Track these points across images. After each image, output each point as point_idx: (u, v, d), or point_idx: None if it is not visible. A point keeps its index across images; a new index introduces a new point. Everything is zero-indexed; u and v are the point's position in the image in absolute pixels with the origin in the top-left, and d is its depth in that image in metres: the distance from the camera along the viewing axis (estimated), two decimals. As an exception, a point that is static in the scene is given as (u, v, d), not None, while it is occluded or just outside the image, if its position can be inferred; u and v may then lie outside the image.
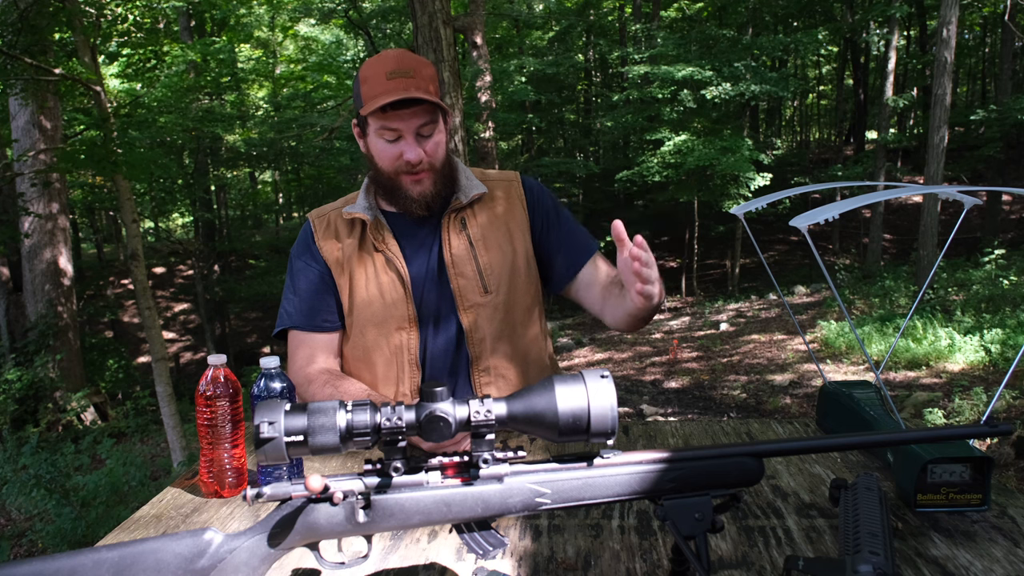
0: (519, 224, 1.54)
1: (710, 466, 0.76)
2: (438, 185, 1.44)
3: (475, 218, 1.51)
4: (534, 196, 1.58)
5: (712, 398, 8.29)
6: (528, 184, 1.59)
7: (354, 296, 1.48)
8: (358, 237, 1.49)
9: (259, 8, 16.33)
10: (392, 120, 1.35)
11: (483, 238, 1.50)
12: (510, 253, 1.51)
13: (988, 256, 12.13)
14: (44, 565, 0.70)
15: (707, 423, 1.52)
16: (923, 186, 1.34)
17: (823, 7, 18.40)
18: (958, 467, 1.01)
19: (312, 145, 14.58)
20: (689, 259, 18.08)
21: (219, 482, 1.18)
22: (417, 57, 1.40)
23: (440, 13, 5.40)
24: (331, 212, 1.55)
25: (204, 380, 1.16)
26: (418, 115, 1.36)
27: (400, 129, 1.37)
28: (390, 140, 1.38)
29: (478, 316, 1.48)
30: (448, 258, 1.47)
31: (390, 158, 1.40)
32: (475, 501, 0.74)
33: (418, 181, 1.42)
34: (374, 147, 1.42)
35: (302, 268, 1.52)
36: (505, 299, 1.49)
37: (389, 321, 1.47)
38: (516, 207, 1.55)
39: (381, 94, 1.32)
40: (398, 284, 1.46)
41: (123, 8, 6.82)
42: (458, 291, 1.47)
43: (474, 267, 1.48)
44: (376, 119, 1.37)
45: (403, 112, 1.34)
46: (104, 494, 4.85)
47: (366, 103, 1.35)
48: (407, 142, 1.38)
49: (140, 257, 6.73)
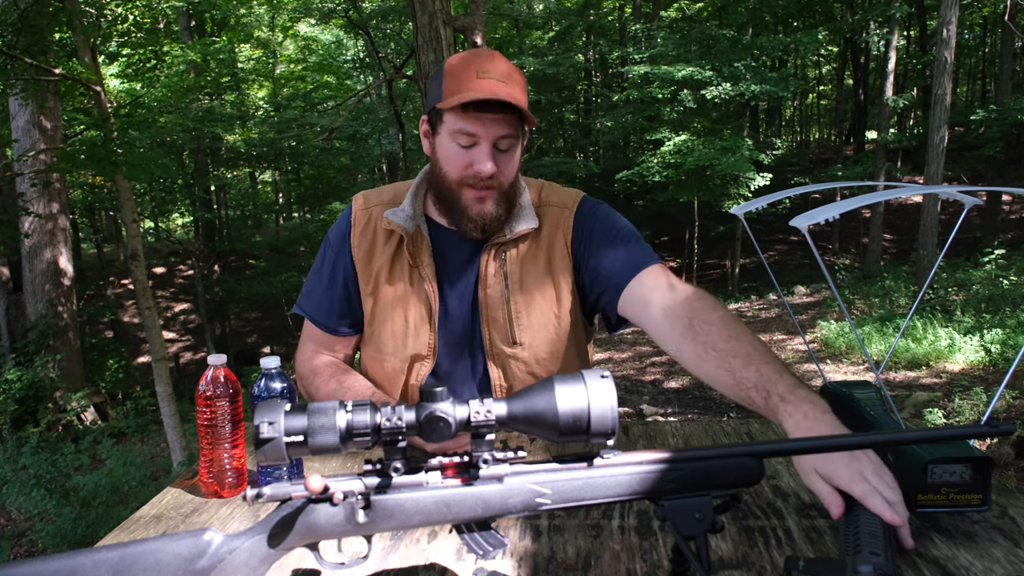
0: (562, 265, 1.36)
1: (710, 466, 0.76)
2: (500, 208, 1.30)
3: (517, 256, 1.35)
4: (583, 228, 1.37)
5: (712, 398, 8.29)
6: (582, 214, 1.38)
7: (376, 311, 1.40)
8: (393, 247, 1.37)
9: (259, 8, 16.33)
10: (472, 123, 1.22)
11: (521, 282, 1.35)
12: (548, 302, 1.36)
13: (988, 256, 12.14)
14: (44, 565, 0.70)
15: (707, 423, 1.52)
16: (923, 186, 1.34)
17: (823, 7, 18.41)
18: (958, 467, 1.01)
19: (312, 145, 14.59)
20: (689, 259, 18.09)
21: (219, 482, 1.18)
22: (513, 64, 1.27)
23: (440, 13, 5.39)
24: (375, 207, 1.41)
25: (204, 380, 1.16)
26: (502, 125, 1.23)
27: (479, 136, 1.23)
28: (463, 145, 1.25)
29: (502, 365, 1.37)
30: (483, 297, 1.34)
31: (459, 165, 1.26)
32: (475, 501, 0.74)
33: (481, 199, 1.28)
34: (442, 149, 1.28)
35: (333, 260, 1.42)
36: (534, 354, 1.36)
37: (407, 347, 1.38)
38: (559, 245, 1.36)
39: (468, 91, 1.19)
40: (424, 311, 1.36)
41: (123, 8, 6.82)
42: (487, 338, 1.36)
43: (505, 313, 1.34)
44: (455, 117, 1.23)
45: (487, 117, 1.21)
46: (104, 494, 4.85)
47: (447, 97, 1.21)
48: (482, 150, 1.24)
49: (140, 257, 6.73)
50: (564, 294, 1.37)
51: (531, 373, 1.38)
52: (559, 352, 1.38)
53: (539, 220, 1.37)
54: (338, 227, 1.44)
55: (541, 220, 1.37)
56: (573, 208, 1.40)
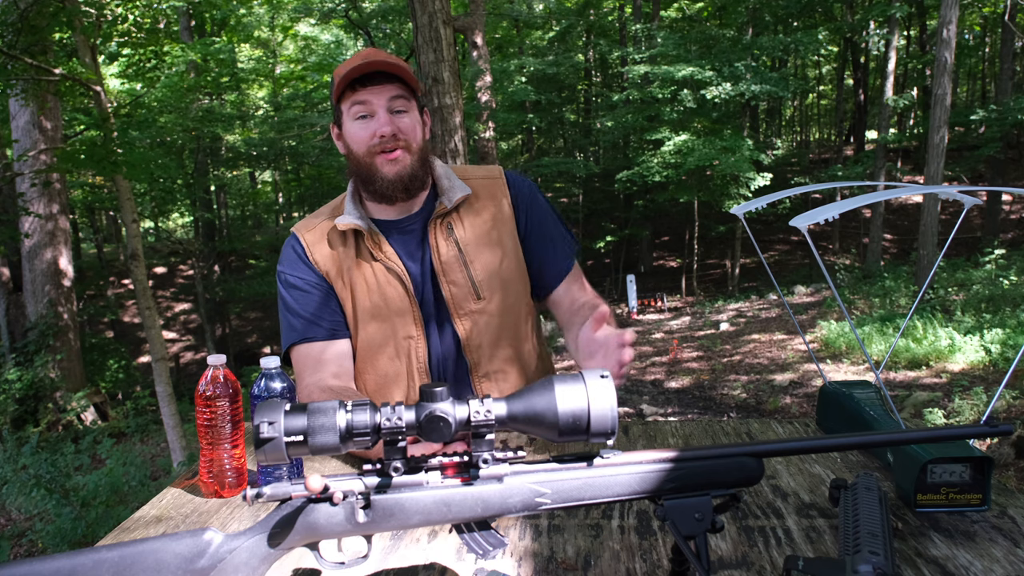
0: (507, 225, 1.49)
1: (710, 466, 0.76)
2: (415, 167, 1.39)
3: (462, 222, 1.45)
4: (519, 193, 1.52)
5: (712, 398, 8.29)
6: (512, 180, 1.53)
7: (357, 307, 1.43)
8: (353, 247, 1.43)
9: (259, 8, 16.34)
10: (361, 94, 1.34)
11: (472, 243, 1.45)
12: (500, 257, 1.47)
13: (988, 256, 12.14)
14: (44, 565, 0.70)
15: (707, 423, 1.52)
16: (923, 186, 1.34)
17: (823, 7, 18.41)
18: (958, 467, 1.01)
19: (312, 145, 14.59)
20: (689, 259, 18.09)
21: (219, 482, 1.18)
22: (392, 55, 1.41)
23: (440, 13, 5.40)
24: (319, 224, 1.47)
25: (204, 380, 1.16)
26: (389, 89, 1.34)
27: (371, 102, 1.34)
28: (362, 116, 1.35)
29: (474, 324, 1.45)
30: (438, 265, 1.43)
31: (364, 139, 1.36)
32: (475, 501, 0.74)
33: (393, 160, 1.36)
34: (349, 134, 1.39)
35: (296, 282, 1.44)
36: (499, 305, 1.46)
37: (397, 330, 1.43)
38: (503, 207, 1.49)
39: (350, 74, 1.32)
40: (401, 291, 1.42)
41: (123, 8, 6.81)
42: (451, 299, 1.43)
43: (465, 274, 1.43)
44: (347, 100, 1.35)
45: (373, 87, 1.33)
46: (104, 494, 4.85)
47: (336, 87, 1.35)
48: (378, 117, 1.35)
49: (140, 257, 6.73)
50: (515, 248, 1.49)
51: (500, 325, 1.47)
52: (520, 301, 1.51)
53: (472, 190, 1.48)
54: (289, 259, 1.47)
55: (475, 190, 1.48)
56: (501, 176, 1.53)
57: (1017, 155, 16.78)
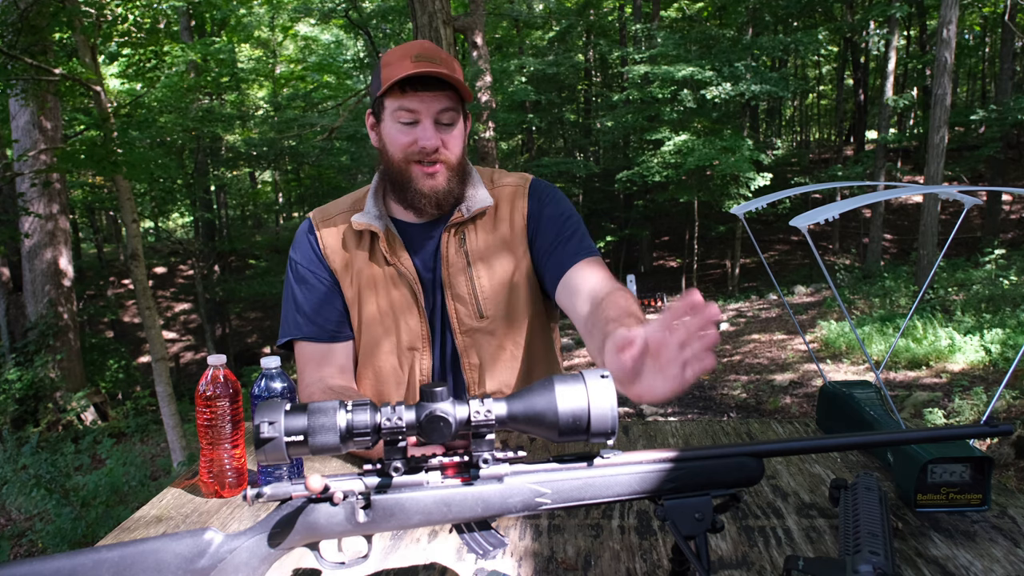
0: (519, 239, 1.41)
1: (710, 466, 0.76)
2: (452, 183, 1.33)
3: (476, 233, 1.40)
4: (538, 200, 1.44)
5: (712, 398, 8.29)
6: (534, 190, 1.45)
7: (364, 313, 1.40)
8: (368, 248, 1.39)
9: (259, 8, 16.33)
10: (411, 100, 1.26)
11: (482, 257, 1.39)
12: (509, 274, 1.40)
13: (988, 256, 12.14)
14: (44, 565, 0.70)
15: (707, 423, 1.52)
16: (923, 186, 1.34)
17: (823, 7, 18.42)
18: (958, 467, 1.01)
19: (312, 145, 14.58)
20: (689, 259, 18.09)
21: (219, 482, 1.18)
22: (446, 52, 1.33)
23: (440, 13, 5.40)
24: (337, 215, 1.43)
25: (204, 380, 1.16)
26: (440, 100, 1.27)
27: (418, 112, 1.27)
28: (406, 123, 1.28)
29: (473, 341, 1.40)
30: (445, 277, 1.38)
31: (403, 144, 1.29)
32: (475, 501, 0.74)
33: (431, 175, 1.31)
34: (387, 133, 1.31)
35: (306, 274, 1.41)
36: (503, 325, 1.40)
37: (402, 341, 1.39)
38: (517, 220, 1.42)
39: (403, 72, 1.24)
40: (410, 299, 1.38)
41: (123, 8, 6.81)
42: (453, 313, 1.39)
43: (469, 288, 1.38)
44: (394, 99, 1.27)
45: (424, 94, 1.26)
46: (104, 494, 4.84)
47: (385, 83, 1.25)
48: (424, 127, 1.27)
49: (140, 257, 6.73)
50: (522, 265, 1.42)
51: (500, 346, 1.42)
52: (522, 322, 1.43)
53: (494, 201, 1.42)
54: (302, 245, 1.43)
55: (496, 200, 1.42)
56: (526, 187, 1.45)
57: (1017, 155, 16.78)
